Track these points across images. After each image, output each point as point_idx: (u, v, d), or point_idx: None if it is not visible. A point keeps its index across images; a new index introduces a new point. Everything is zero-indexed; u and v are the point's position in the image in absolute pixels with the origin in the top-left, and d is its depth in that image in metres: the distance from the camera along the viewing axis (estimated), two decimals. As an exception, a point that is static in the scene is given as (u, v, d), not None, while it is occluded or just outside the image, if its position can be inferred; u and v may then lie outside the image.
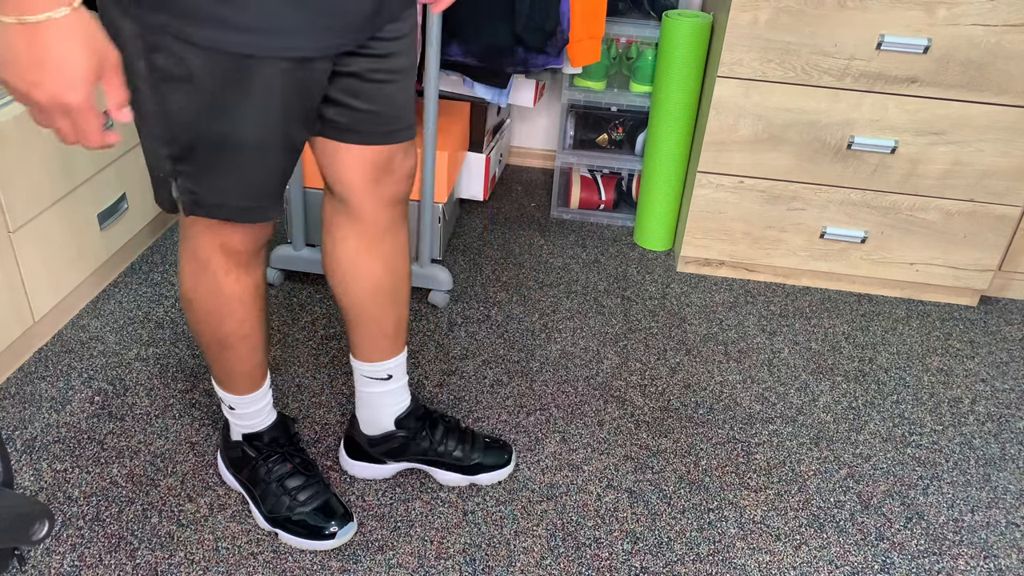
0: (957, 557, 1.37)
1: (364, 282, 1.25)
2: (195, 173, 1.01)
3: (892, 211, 1.94)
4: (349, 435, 1.44)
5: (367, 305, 1.27)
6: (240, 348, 1.22)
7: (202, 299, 1.16)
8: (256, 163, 1.02)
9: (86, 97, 0.77)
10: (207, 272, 1.13)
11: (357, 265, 1.23)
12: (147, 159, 1.04)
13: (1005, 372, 1.82)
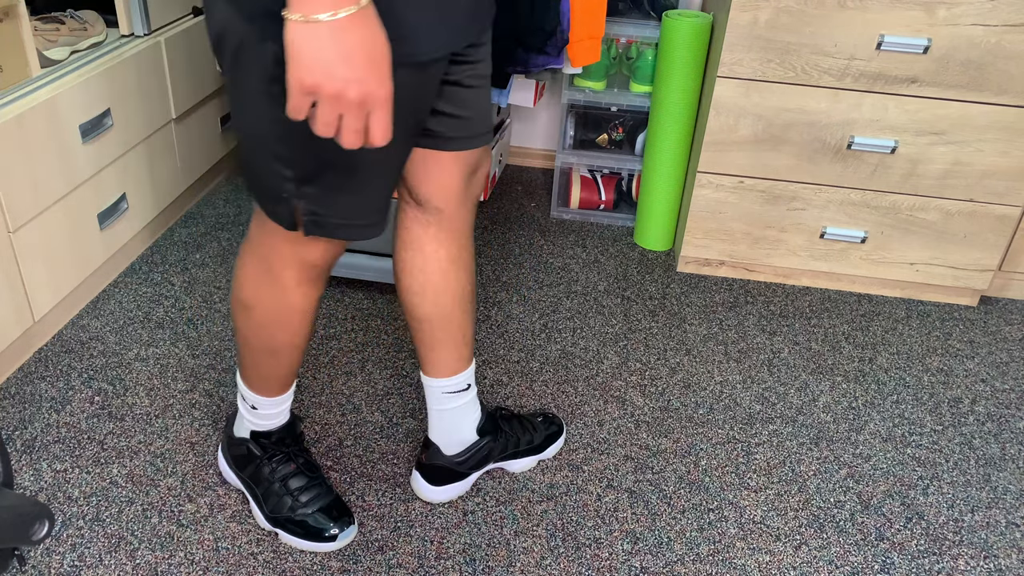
0: (957, 557, 1.37)
1: (453, 292, 1.24)
2: (321, 195, 0.98)
3: (892, 211, 1.94)
4: (428, 464, 1.38)
5: (456, 315, 1.26)
6: (287, 356, 1.21)
7: (264, 309, 1.14)
8: (381, 180, 1.00)
9: (391, 88, 0.76)
10: (276, 284, 1.11)
11: (448, 276, 1.23)
12: (262, 180, 1.00)
13: (1005, 372, 1.82)
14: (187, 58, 2.04)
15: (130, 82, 1.83)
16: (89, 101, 1.69)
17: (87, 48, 1.80)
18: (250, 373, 1.24)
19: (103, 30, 1.84)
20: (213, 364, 1.68)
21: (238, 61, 0.91)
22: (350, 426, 1.55)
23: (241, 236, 2.11)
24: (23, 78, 1.60)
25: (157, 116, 1.96)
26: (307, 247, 1.08)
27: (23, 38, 1.58)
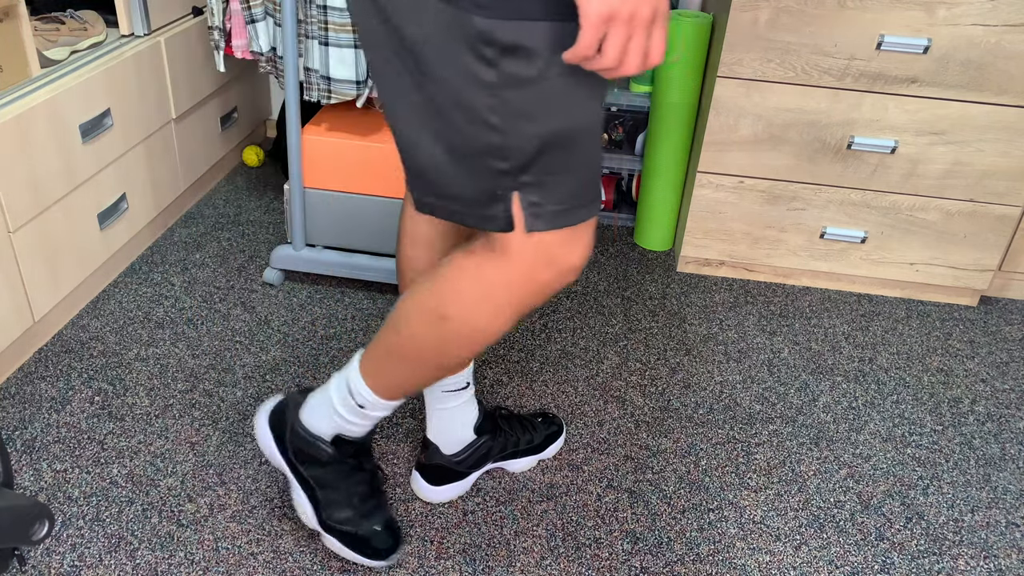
0: (957, 557, 1.37)
1: None
2: (540, 180, 0.92)
3: (892, 211, 1.94)
4: (428, 464, 1.38)
5: None
6: (452, 370, 1.13)
7: (466, 326, 1.03)
8: (593, 149, 0.93)
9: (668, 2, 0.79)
10: (495, 312, 1.01)
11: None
12: (471, 187, 0.94)
13: (1005, 372, 1.82)
14: (187, 58, 2.04)
15: (130, 82, 1.83)
16: (89, 101, 1.69)
17: (87, 48, 1.80)
18: (392, 377, 1.13)
19: (103, 30, 1.84)
20: (213, 364, 1.68)
21: (437, 61, 0.86)
22: (350, 426, 1.55)
23: (241, 236, 2.11)
24: (23, 78, 1.60)
25: (157, 116, 1.96)
26: (565, 250, 0.98)
27: (23, 38, 1.58)
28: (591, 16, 0.76)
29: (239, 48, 1.82)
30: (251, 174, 2.43)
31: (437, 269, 1.05)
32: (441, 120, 0.90)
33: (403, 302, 1.08)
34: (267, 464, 1.46)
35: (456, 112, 0.88)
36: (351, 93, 1.73)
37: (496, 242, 0.98)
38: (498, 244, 0.97)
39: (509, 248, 0.97)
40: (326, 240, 1.94)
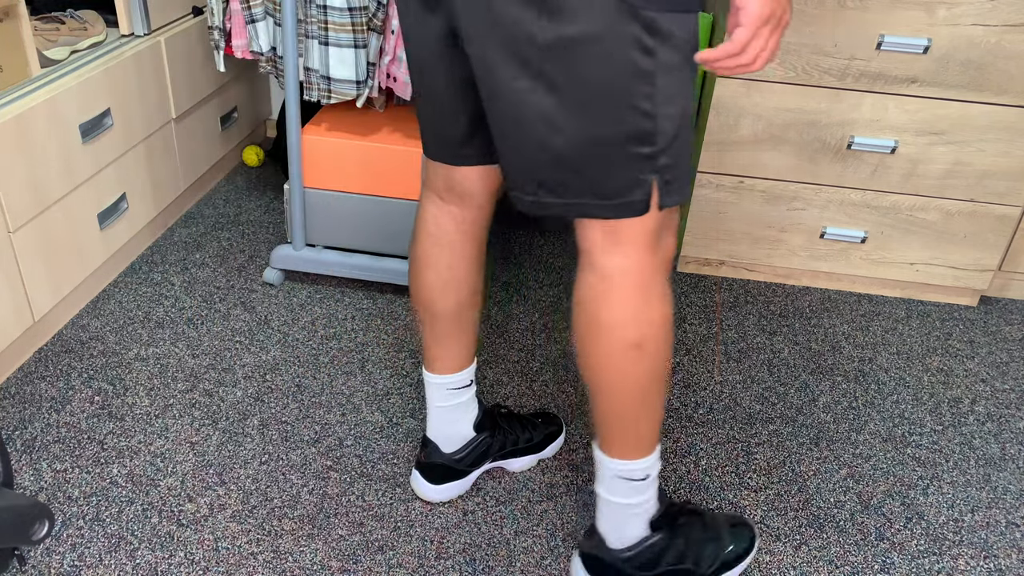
0: (957, 557, 1.37)
1: (472, 286, 1.24)
2: (674, 158, 0.98)
3: (892, 211, 1.94)
4: (428, 463, 1.38)
5: (469, 311, 1.26)
6: (666, 385, 1.12)
7: (652, 337, 1.03)
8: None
9: None
10: (654, 301, 1.03)
11: (471, 272, 1.23)
12: (614, 178, 0.96)
13: (1005, 372, 1.82)
14: (187, 58, 2.04)
15: (130, 82, 1.83)
16: (89, 101, 1.69)
17: (87, 48, 1.80)
18: (643, 432, 1.10)
19: (103, 30, 1.84)
20: (213, 364, 1.68)
21: (596, 57, 0.89)
22: (350, 426, 1.55)
23: (241, 236, 2.11)
24: (23, 78, 1.60)
25: (157, 116, 1.96)
26: (665, 242, 1.06)
27: (23, 38, 1.58)
28: (753, 16, 0.84)
29: (239, 48, 1.82)
30: (251, 174, 2.43)
31: (589, 309, 1.04)
32: (586, 116, 0.93)
33: (593, 372, 1.07)
34: (267, 464, 1.46)
35: (607, 104, 0.92)
36: (351, 93, 1.73)
37: (628, 233, 1.00)
38: (631, 234, 1.00)
39: (645, 231, 1.01)
40: (326, 240, 1.94)
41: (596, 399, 1.10)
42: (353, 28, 1.65)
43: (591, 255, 1.03)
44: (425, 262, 1.23)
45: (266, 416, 1.56)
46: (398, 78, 1.75)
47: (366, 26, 1.67)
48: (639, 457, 1.13)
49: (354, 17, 1.64)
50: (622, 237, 1.01)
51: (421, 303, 1.27)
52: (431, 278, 1.24)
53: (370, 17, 1.67)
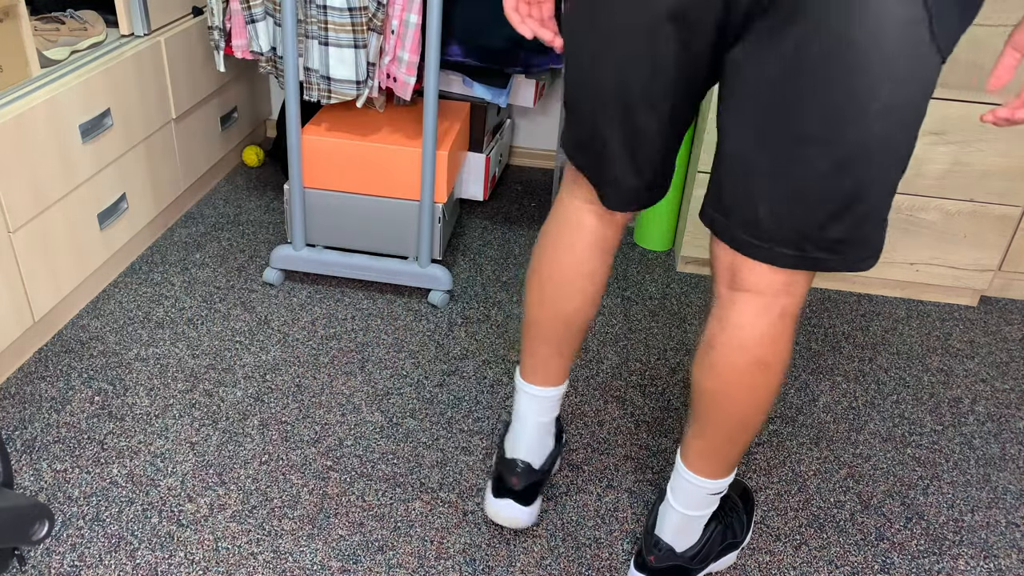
0: (957, 557, 1.37)
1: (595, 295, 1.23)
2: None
3: (892, 211, 1.94)
4: (526, 486, 1.29)
5: (586, 321, 1.24)
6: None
7: (782, 361, 1.05)
8: None
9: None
10: (791, 332, 1.04)
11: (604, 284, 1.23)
12: (885, 208, 0.93)
13: (1005, 372, 1.82)
14: (187, 58, 2.04)
15: (130, 82, 1.83)
16: (89, 101, 1.70)
17: (87, 48, 1.80)
18: (736, 456, 1.14)
19: (103, 30, 1.84)
20: (213, 364, 1.68)
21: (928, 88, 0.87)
22: (350, 426, 1.55)
23: (241, 236, 2.11)
24: (23, 78, 1.60)
25: (157, 116, 1.96)
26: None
27: (23, 38, 1.58)
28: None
29: (239, 48, 1.82)
30: (251, 174, 2.43)
31: (755, 349, 1.03)
32: (906, 146, 0.89)
33: (734, 405, 1.07)
34: (267, 464, 1.46)
35: (912, 136, 0.89)
36: (351, 93, 1.73)
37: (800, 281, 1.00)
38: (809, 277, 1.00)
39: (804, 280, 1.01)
40: (326, 240, 1.94)
41: (716, 427, 1.10)
42: (353, 28, 1.65)
43: (764, 295, 1.00)
44: (580, 269, 1.17)
45: (266, 416, 1.56)
46: (398, 78, 1.75)
47: (366, 26, 1.67)
48: (733, 472, 1.17)
49: (354, 17, 1.64)
50: (803, 278, 1.00)
51: (562, 316, 1.20)
52: (590, 290, 1.18)
53: (370, 17, 1.67)
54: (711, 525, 1.24)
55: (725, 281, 1.04)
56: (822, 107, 0.85)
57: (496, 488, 1.31)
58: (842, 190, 0.89)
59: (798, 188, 0.90)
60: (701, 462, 1.15)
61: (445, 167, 1.84)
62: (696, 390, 1.11)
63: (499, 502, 1.30)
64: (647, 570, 1.24)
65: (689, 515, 1.20)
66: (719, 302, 1.06)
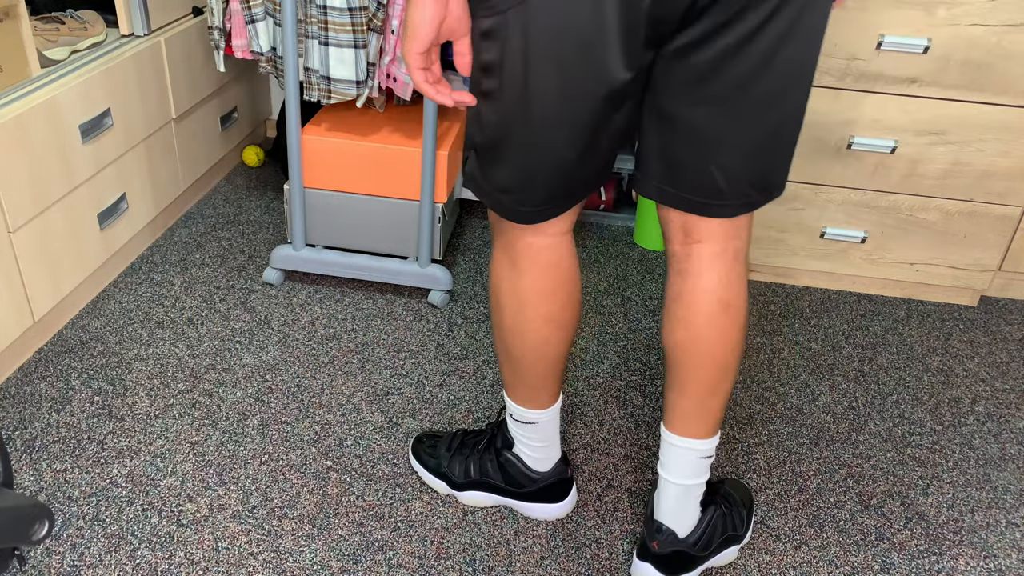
0: (957, 557, 1.37)
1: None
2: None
3: (892, 211, 1.94)
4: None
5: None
6: None
7: None
8: None
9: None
10: None
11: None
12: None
13: (1005, 372, 1.82)
14: (187, 58, 2.04)
15: (130, 82, 1.83)
16: (89, 101, 1.70)
17: (87, 48, 1.80)
18: (726, 402, 1.20)
19: (103, 30, 1.84)
20: (213, 364, 1.68)
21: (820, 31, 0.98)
22: (350, 426, 1.55)
23: (241, 236, 2.11)
24: (23, 78, 1.60)
25: (157, 116, 1.96)
26: None
27: (23, 38, 1.58)
28: None
29: (239, 48, 1.82)
30: (251, 174, 2.43)
31: (720, 292, 1.11)
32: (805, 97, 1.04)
33: (713, 352, 1.12)
34: (267, 464, 1.46)
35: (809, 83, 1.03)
36: (351, 93, 1.73)
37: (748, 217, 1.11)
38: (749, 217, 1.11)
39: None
40: (326, 240, 1.94)
41: (696, 380, 1.14)
42: (353, 28, 1.65)
43: (717, 242, 1.09)
44: (558, 295, 1.16)
45: (266, 416, 1.56)
46: (398, 78, 1.75)
47: (366, 26, 1.67)
48: (718, 433, 1.21)
49: (354, 17, 1.64)
50: (747, 221, 1.10)
51: (552, 351, 1.20)
52: (573, 314, 1.19)
53: (370, 17, 1.67)
54: (710, 510, 1.25)
55: (679, 239, 1.12)
56: (781, 76, 0.97)
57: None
58: (782, 139, 1.03)
59: (754, 147, 1.01)
60: (687, 422, 1.17)
61: (445, 167, 1.84)
62: (670, 347, 1.15)
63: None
64: (651, 557, 1.24)
65: (685, 485, 1.21)
66: (675, 259, 1.13)
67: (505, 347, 1.22)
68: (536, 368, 1.22)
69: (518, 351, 1.20)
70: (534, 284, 1.14)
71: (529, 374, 1.23)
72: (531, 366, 1.21)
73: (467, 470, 1.37)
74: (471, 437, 1.41)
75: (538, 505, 1.37)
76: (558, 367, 1.23)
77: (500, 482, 1.36)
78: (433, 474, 1.40)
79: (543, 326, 1.17)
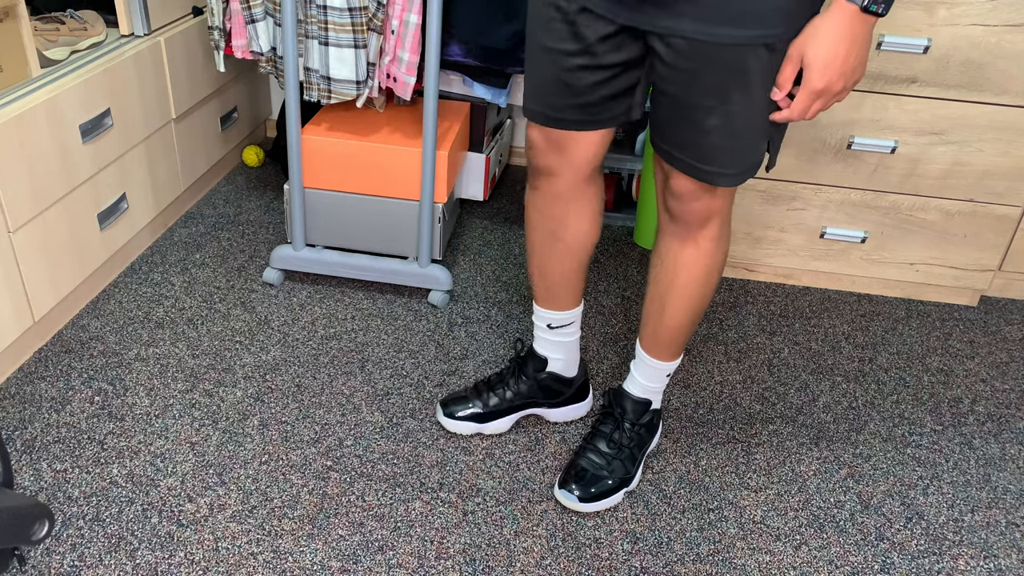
0: (957, 557, 1.37)
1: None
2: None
3: (892, 211, 1.94)
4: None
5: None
6: None
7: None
8: None
9: None
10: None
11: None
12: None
13: (1005, 372, 1.82)
14: (187, 58, 2.04)
15: (130, 82, 1.83)
16: (89, 101, 1.70)
17: (87, 48, 1.80)
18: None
19: (103, 30, 1.84)
20: (213, 364, 1.68)
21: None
22: (350, 426, 1.55)
23: (241, 236, 2.11)
24: (23, 78, 1.60)
25: (157, 116, 1.96)
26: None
27: (23, 38, 1.58)
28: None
29: (239, 48, 1.82)
30: (251, 174, 2.43)
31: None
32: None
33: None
34: (267, 464, 1.46)
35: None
36: (351, 93, 1.73)
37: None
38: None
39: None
40: (326, 240, 1.94)
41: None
42: (353, 28, 1.65)
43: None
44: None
45: (266, 416, 1.56)
46: (398, 78, 1.75)
47: (366, 26, 1.67)
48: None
49: (354, 17, 1.64)
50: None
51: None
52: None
53: (370, 17, 1.67)
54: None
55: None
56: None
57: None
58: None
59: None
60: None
61: (445, 167, 1.84)
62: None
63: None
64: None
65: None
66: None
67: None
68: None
69: None
70: None
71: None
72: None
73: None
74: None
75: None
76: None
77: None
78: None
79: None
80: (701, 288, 1.31)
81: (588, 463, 1.42)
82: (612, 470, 1.41)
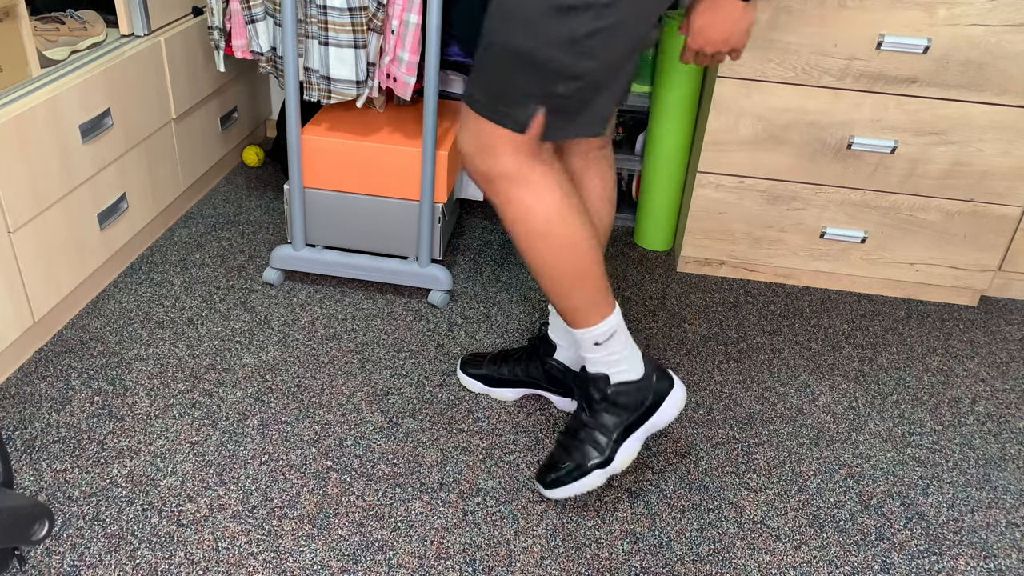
0: (957, 557, 1.37)
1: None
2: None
3: (892, 211, 1.94)
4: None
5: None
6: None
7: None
8: None
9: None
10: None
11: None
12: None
13: (1005, 372, 1.82)
14: (187, 58, 2.04)
15: (130, 82, 1.83)
16: (89, 101, 1.70)
17: (87, 48, 1.80)
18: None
19: (103, 30, 1.84)
20: (213, 364, 1.68)
21: None
22: (350, 426, 1.55)
23: (241, 236, 2.11)
24: (23, 78, 1.60)
25: (157, 116, 1.96)
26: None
27: (23, 38, 1.58)
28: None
29: (239, 48, 1.82)
30: (251, 174, 2.43)
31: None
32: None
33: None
34: (267, 464, 1.46)
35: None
36: (351, 93, 1.73)
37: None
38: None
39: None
40: (326, 240, 1.94)
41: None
42: (353, 28, 1.65)
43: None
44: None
45: (266, 416, 1.56)
46: (398, 78, 1.75)
47: (366, 26, 1.67)
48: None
49: (354, 17, 1.64)
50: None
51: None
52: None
53: (370, 17, 1.67)
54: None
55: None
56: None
57: None
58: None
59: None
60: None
61: (445, 167, 1.84)
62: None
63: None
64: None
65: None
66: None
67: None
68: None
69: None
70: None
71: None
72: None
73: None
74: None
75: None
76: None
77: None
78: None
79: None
80: (523, 246, 1.30)
81: (554, 449, 1.43)
82: (570, 454, 1.40)
